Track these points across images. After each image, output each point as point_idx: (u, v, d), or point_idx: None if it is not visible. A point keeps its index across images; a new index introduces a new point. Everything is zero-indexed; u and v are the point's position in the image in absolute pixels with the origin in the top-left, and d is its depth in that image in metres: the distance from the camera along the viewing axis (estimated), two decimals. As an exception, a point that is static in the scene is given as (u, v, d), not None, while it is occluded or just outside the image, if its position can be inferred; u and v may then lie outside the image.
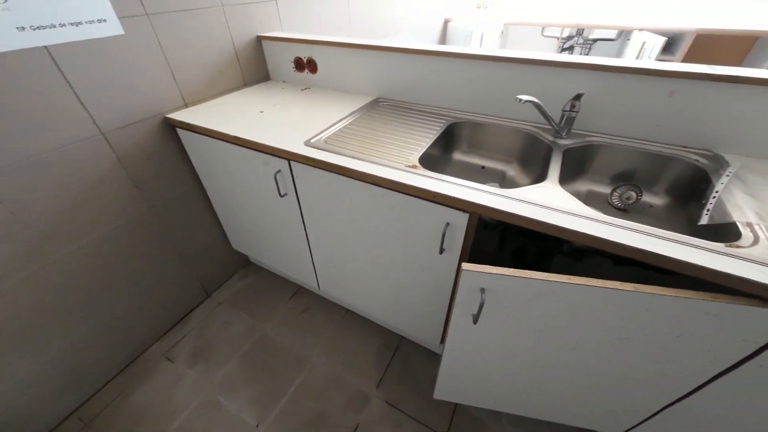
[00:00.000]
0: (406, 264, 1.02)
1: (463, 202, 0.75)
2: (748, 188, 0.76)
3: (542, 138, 1.03)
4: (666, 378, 0.74)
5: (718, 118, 0.87)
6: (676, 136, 0.93)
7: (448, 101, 1.21)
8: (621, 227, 0.65)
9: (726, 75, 0.81)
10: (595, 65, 0.93)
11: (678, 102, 0.89)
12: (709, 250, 0.60)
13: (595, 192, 1.03)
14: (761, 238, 0.62)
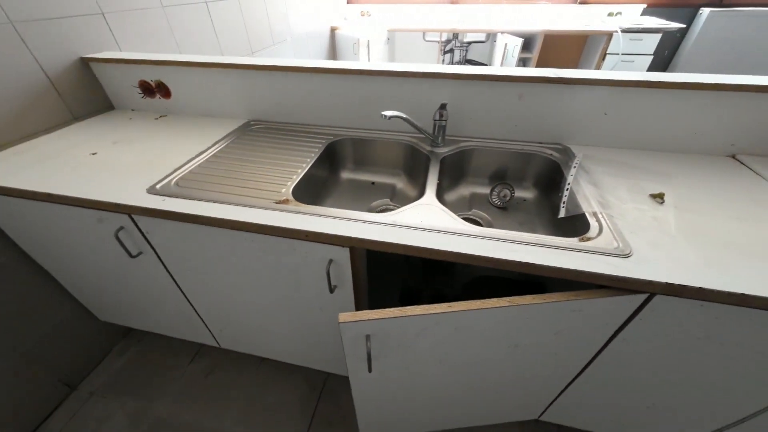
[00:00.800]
0: (303, 305, 0.91)
1: (336, 237, 0.67)
2: (591, 177, 0.84)
3: (421, 148, 1.02)
4: (557, 368, 0.78)
5: (561, 114, 0.96)
6: (532, 133, 1.01)
7: (327, 118, 1.14)
8: (489, 238, 0.65)
9: (559, 77, 0.89)
10: (453, 74, 0.95)
11: (527, 103, 0.96)
12: (565, 248, 0.63)
13: (478, 193, 1.06)
14: (604, 228, 0.68)
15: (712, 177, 0.84)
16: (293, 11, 2.57)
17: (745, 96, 0.84)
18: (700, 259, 0.60)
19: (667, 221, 0.69)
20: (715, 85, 0.83)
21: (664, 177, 0.83)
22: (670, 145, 0.94)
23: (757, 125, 0.87)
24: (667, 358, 0.71)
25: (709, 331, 0.63)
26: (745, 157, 0.90)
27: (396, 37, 3.73)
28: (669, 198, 0.75)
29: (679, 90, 0.86)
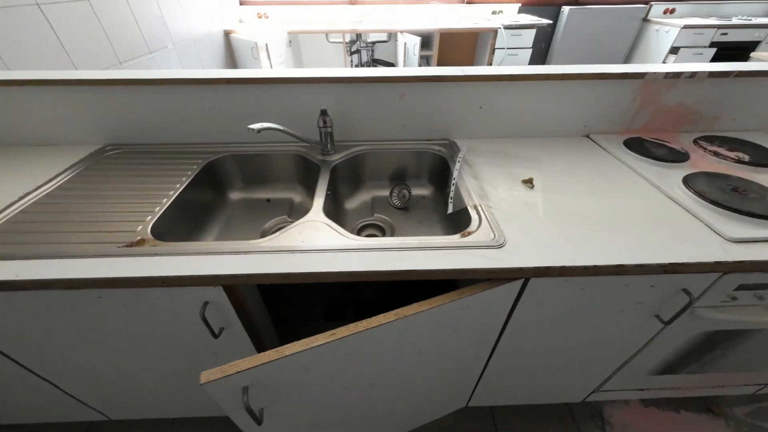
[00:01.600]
0: (191, 355, 0.78)
1: (200, 278, 0.58)
2: (473, 170, 0.87)
3: (311, 158, 0.96)
4: (466, 360, 0.79)
5: (442, 111, 0.99)
6: (420, 131, 1.02)
7: (205, 134, 1.00)
8: (372, 249, 0.62)
9: (432, 76, 0.91)
10: (330, 78, 0.90)
11: (409, 102, 0.96)
12: (448, 247, 0.63)
13: (379, 197, 1.04)
14: (483, 220, 0.70)
15: (571, 156, 0.93)
16: (172, 13, 2.28)
17: (589, 83, 0.95)
18: (563, 237, 0.65)
19: (536, 205, 0.74)
20: (563, 75, 0.92)
21: (534, 162, 0.91)
22: (537, 131, 1.03)
23: (600, 107, 1.00)
24: (556, 328, 0.77)
25: (578, 301, 0.69)
26: (596, 135, 1.03)
27: (300, 40, 3.59)
28: (537, 182, 0.81)
29: (536, 81, 0.93)
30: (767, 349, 0.86)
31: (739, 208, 0.68)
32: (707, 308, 0.71)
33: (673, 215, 0.71)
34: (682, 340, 0.82)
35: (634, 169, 0.85)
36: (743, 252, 0.61)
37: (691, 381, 1.00)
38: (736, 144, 0.94)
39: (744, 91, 0.97)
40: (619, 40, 3.56)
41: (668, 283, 0.66)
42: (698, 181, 0.78)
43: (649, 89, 0.95)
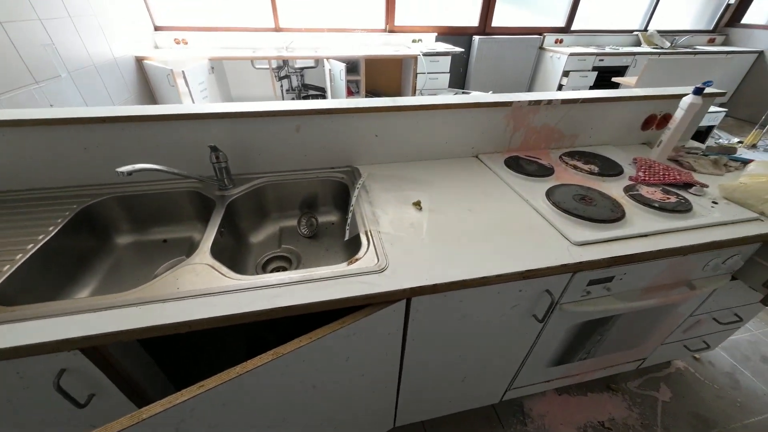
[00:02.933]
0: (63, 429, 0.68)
1: (47, 345, 0.51)
2: (369, 196, 0.92)
3: (208, 194, 0.93)
4: (374, 384, 0.80)
5: (341, 140, 1.03)
6: (322, 160, 1.04)
7: (82, 177, 0.91)
8: (253, 288, 0.61)
9: (323, 109, 0.95)
10: (222, 113, 0.89)
11: (308, 133, 0.99)
12: (333, 276, 0.64)
13: (287, 227, 1.04)
14: (371, 245, 0.73)
15: (460, 176, 1.03)
16: (65, 39, 2.09)
17: (471, 111, 1.07)
18: (440, 256, 0.70)
19: (421, 226, 0.79)
20: (445, 105, 1.03)
21: (426, 184, 0.98)
22: (432, 154, 1.12)
23: (483, 130, 1.12)
24: (454, 338, 0.82)
25: (462, 311, 0.75)
26: (483, 155, 1.14)
27: (225, 66, 3.50)
28: (426, 203, 0.88)
29: (424, 111, 1.02)
30: (631, 329, 1.01)
31: (581, 215, 0.80)
32: (570, 303, 0.82)
33: (535, 225, 0.81)
34: (563, 333, 0.93)
35: (510, 185, 0.97)
36: (583, 254, 0.72)
37: (585, 366, 1.13)
38: (590, 157, 1.12)
39: (592, 113, 1.17)
40: (524, 65, 4.06)
41: (533, 286, 0.75)
42: (556, 192, 0.90)
43: (518, 115, 1.10)
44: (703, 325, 1.12)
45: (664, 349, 1.19)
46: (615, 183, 0.98)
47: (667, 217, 0.83)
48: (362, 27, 3.78)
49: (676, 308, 0.99)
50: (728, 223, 0.82)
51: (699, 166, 1.07)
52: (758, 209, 0.85)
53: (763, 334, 1.57)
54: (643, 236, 0.77)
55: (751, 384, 1.37)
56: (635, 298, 0.85)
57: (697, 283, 0.89)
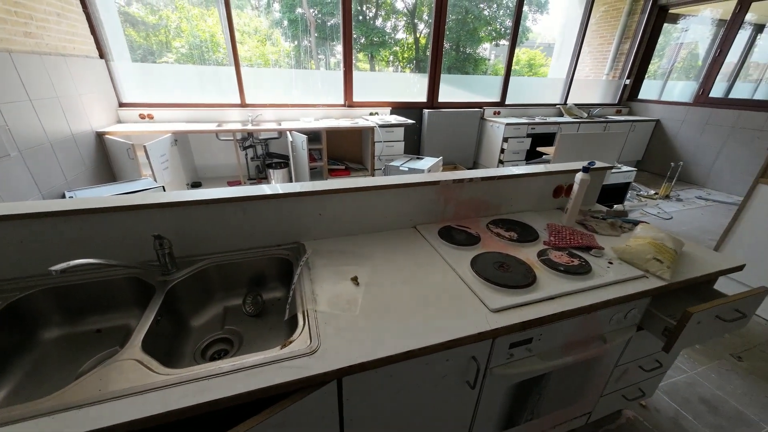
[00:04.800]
0: None
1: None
2: (312, 272, 0.97)
3: (148, 280, 0.94)
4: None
5: (289, 219, 1.11)
6: (269, 238, 1.11)
7: (14, 271, 0.90)
8: (185, 382, 0.62)
9: (265, 195, 1.04)
10: (167, 203, 0.95)
11: (254, 215, 1.06)
12: (264, 363, 0.67)
13: (232, 306, 1.05)
14: (306, 325, 0.77)
15: (398, 248, 1.12)
16: (20, 120, 2.11)
17: (403, 189, 1.21)
18: (371, 332, 0.75)
19: (356, 302, 0.85)
20: (379, 186, 1.16)
21: (367, 258, 1.06)
22: (374, 227, 1.22)
23: (418, 204, 1.26)
24: (396, 411, 0.83)
25: (396, 385, 0.78)
26: (420, 226, 1.27)
27: (189, 138, 3.63)
28: (364, 278, 0.95)
29: (361, 192, 1.15)
30: (566, 384, 1.07)
31: (499, 282, 0.91)
32: (498, 367, 0.88)
33: (461, 293, 0.90)
34: (501, 396, 0.97)
35: (442, 255, 1.07)
36: (499, 320, 0.80)
37: (534, 427, 1.15)
38: (512, 224, 1.28)
39: (510, 187, 1.36)
40: (470, 132, 4.60)
41: (459, 354, 0.81)
42: (479, 261, 1.02)
43: (447, 190, 1.26)
44: (632, 373, 1.21)
45: (605, 400, 1.25)
46: (531, 248, 1.13)
47: (572, 279, 0.96)
48: (324, 102, 4.18)
49: (600, 361, 1.07)
50: (621, 282, 0.97)
51: (600, 228, 1.26)
52: (643, 267, 1.01)
53: (697, 375, 1.69)
54: (551, 299, 0.88)
55: (694, 428, 1.44)
56: (557, 356, 0.93)
57: (608, 336, 1.00)
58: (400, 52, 8.32)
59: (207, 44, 4.50)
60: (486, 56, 9.16)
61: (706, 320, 0.93)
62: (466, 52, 8.89)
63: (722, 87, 5.02)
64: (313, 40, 5.58)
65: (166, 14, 4.27)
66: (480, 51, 9.11)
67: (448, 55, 8.66)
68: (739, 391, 1.60)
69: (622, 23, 4.98)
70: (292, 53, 6.26)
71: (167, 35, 4.41)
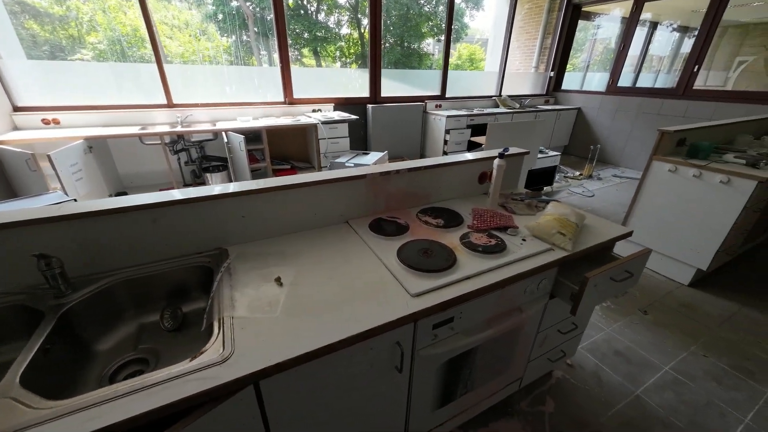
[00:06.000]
0: None
1: None
2: (233, 278, 0.93)
3: (36, 306, 0.83)
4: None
5: (209, 224, 1.05)
6: (188, 246, 1.04)
7: None
8: (76, 410, 0.56)
9: (179, 200, 0.97)
10: (57, 217, 0.85)
11: (168, 223, 0.99)
12: (172, 377, 0.63)
13: (148, 323, 0.97)
14: (220, 333, 0.73)
15: (328, 244, 1.12)
16: None
17: (332, 185, 1.20)
18: (291, 331, 0.74)
19: (278, 303, 0.83)
20: (303, 183, 1.14)
21: (294, 257, 1.04)
22: (304, 225, 1.20)
23: (349, 199, 1.26)
24: (325, 409, 0.83)
25: (321, 382, 0.78)
26: (353, 220, 1.28)
27: (109, 144, 3.26)
28: (288, 278, 0.93)
29: (284, 190, 1.12)
30: (493, 356, 1.16)
31: (421, 268, 0.95)
32: (425, 348, 0.92)
33: (385, 282, 0.92)
34: (433, 376, 1.01)
35: (371, 247, 1.09)
36: (418, 304, 0.84)
37: (470, 400, 1.22)
38: (440, 212, 1.34)
39: (437, 176, 1.42)
40: (414, 125, 4.71)
41: (382, 342, 0.83)
42: (405, 249, 1.05)
43: (376, 183, 1.28)
44: (552, 337, 1.34)
45: (533, 365, 1.37)
46: (456, 233, 1.19)
47: (489, 258, 1.03)
48: (263, 100, 4.00)
49: (522, 330, 1.17)
50: (531, 256, 1.06)
51: (518, 209, 1.37)
52: (549, 241, 1.12)
53: (613, 331, 1.92)
54: (468, 278, 0.94)
55: (611, 378, 1.64)
56: (480, 330, 1.00)
57: (524, 307, 1.10)
58: (346, 47, 8.22)
59: (129, 39, 4.06)
60: (431, 51, 9.43)
61: (602, 282, 1.06)
62: (411, 48, 9.06)
63: (630, 77, 5.69)
64: (252, 34, 5.30)
65: (76, 5, 3.76)
66: (424, 46, 9.33)
67: (394, 50, 8.76)
68: (646, 341, 1.85)
69: (544, 20, 5.41)
70: (231, 49, 5.89)
71: (79, 29, 3.89)
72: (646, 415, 1.46)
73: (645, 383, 1.60)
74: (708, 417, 1.45)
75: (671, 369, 1.68)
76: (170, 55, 5.24)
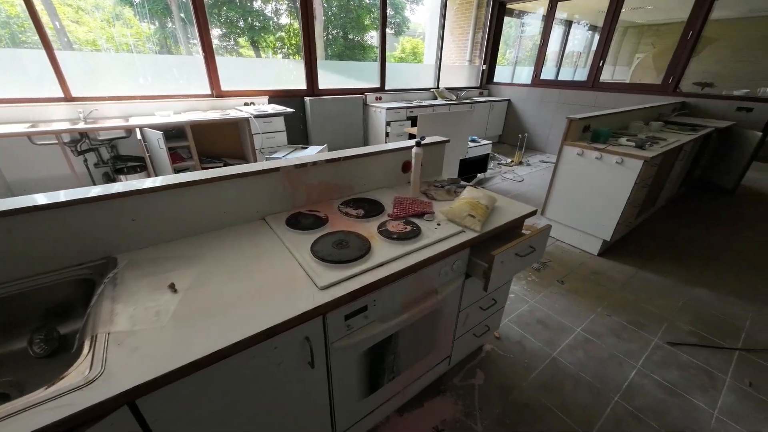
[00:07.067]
0: None
1: None
2: (116, 290, 0.83)
3: None
4: None
5: (89, 232, 0.92)
6: (61, 258, 0.90)
7: None
8: None
9: (44, 204, 0.84)
10: None
11: (30, 232, 0.84)
12: (20, 410, 0.53)
13: (12, 351, 0.83)
14: (89, 353, 0.65)
15: (238, 244, 1.05)
16: None
17: (243, 180, 1.13)
18: (179, 341, 0.68)
19: (167, 312, 0.76)
20: (207, 179, 1.06)
21: (196, 259, 0.96)
22: (211, 225, 1.12)
23: (264, 194, 1.20)
24: (231, 420, 0.78)
25: (222, 386, 0.73)
26: (269, 216, 1.21)
27: (-12, 145, 2.73)
28: (184, 283, 0.85)
29: (186, 187, 1.03)
30: (417, 339, 1.19)
31: (333, 260, 0.93)
32: (339, 340, 0.91)
33: (295, 278, 0.89)
34: (354, 366, 1.01)
35: (284, 243, 1.05)
36: (326, 296, 0.82)
37: (399, 384, 1.25)
38: (362, 203, 1.33)
39: (359, 166, 1.41)
40: (355, 118, 4.67)
41: (289, 339, 0.80)
42: (320, 242, 1.03)
43: (291, 176, 1.23)
44: (475, 314, 1.43)
45: (460, 342, 1.45)
46: (375, 222, 1.19)
47: (403, 244, 1.05)
48: (185, 93, 3.65)
49: (442, 310, 1.22)
50: (444, 239, 1.10)
51: (438, 195, 1.42)
52: (461, 224, 1.17)
53: (535, 302, 2.11)
54: (380, 266, 0.94)
55: (533, 345, 1.79)
56: (397, 316, 1.02)
57: (441, 289, 1.14)
58: (287, 38, 7.83)
59: (21, 21, 3.42)
60: (375, 44, 9.40)
61: (508, 258, 1.14)
62: (355, 40, 8.94)
63: (553, 71, 6.22)
64: (178, 21, 4.78)
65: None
66: (368, 39, 9.25)
67: (338, 42, 8.57)
68: (562, 308, 2.06)
69: (474, 15, 5.66)
70: (156, 38, 5.27)
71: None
72: (560, 373, 1.62)
73: (560, 346, 1.78)
74: (609, 368, 1.66)
75: (582, 330, 1.89)
76: (78, 42, 4.55)
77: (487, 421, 1.40)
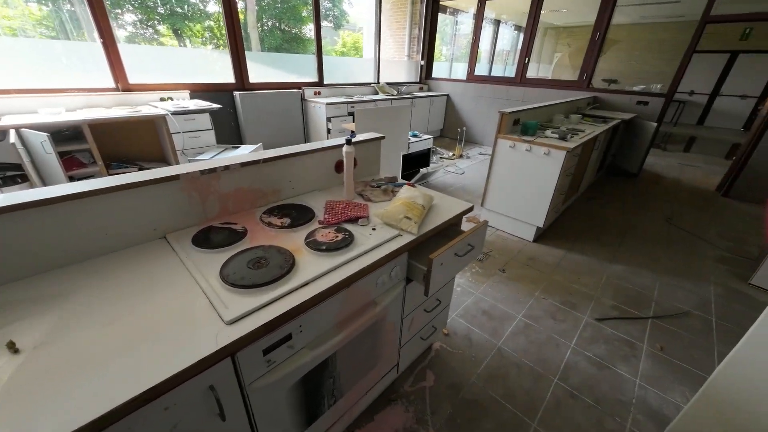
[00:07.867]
0: None
1: None
2: None
3: None
4: None
5: None
6: None
7: None
8: None
9: None
10: None
11: None
12: None
13: None
14: None
15: (128, 271, 0.84)
16: None
17: (133, 192, 0.91)
18: (4, 428, 0.49)
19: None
20: (100, 191, 0.83)
21: (61, 300, 0.74)
22: (89, 253, 0.89)
23: (163, 208, 0.99)
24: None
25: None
26: (171, 234, 1.01)
27: None
28: (35, 336, 0.64)
29: (44, 207, 0.79)
30: (358, 356, 1.10)
31: (246, 284, 0.78)
32: (258, 380, 0.77)
33: (195, 311, 0.72)
34: (284, 401, 0.88)
35: (186, 266, 0.87)
36: (234, 332, 0.68)
37: (343, 406, 1.15)
38: (289, 210, 1.18)
39: (285, 169, 1.26)
40: (293, 114, 4.39)
41: (187, 393, 0.64)
42: (232, 262, 0.87)
43: (199, 185, 1.04)
44: (419, 318, 1.37)
45: (407, 348, 1.39)
46: (303, 232, 1.06)
47: (333, 256, 0.93)
48: (80, 87, 3.08)
49: (384, 321, 1.14)
50: (379, 245, 1.01)
51: (374, 196, 1.33)
52: (398, 227, 1.09)
53: (480, 293, 2.15)
54: (305, 285, 0.82)
55: (479, 337, 1.81)
56: (330, 338, 0.91)
57: (379, 299, 1.05)
58: (216, 27, 7.09)
59: None
60: (313, 37, 9.01)
61: (447, 260, 1.09)
62: (292, 32, 8.46)
63: (486, 67, 6.52)
64: (78, 2, 3.98)
65: None
66: (307, 32, 8.80)
67: (274, 34, 8.02)
68: (504, 296, 2.13)
69: (409, 10, 5.68)
70: (49, 22, 4.34)
71: None
72: (505, 362, 1.66)
73: (504, 335, 1.83)
74: (548, 350, 1.74)
75: (523, 316, 1.96)
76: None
77: (439, 425, 1.37)
